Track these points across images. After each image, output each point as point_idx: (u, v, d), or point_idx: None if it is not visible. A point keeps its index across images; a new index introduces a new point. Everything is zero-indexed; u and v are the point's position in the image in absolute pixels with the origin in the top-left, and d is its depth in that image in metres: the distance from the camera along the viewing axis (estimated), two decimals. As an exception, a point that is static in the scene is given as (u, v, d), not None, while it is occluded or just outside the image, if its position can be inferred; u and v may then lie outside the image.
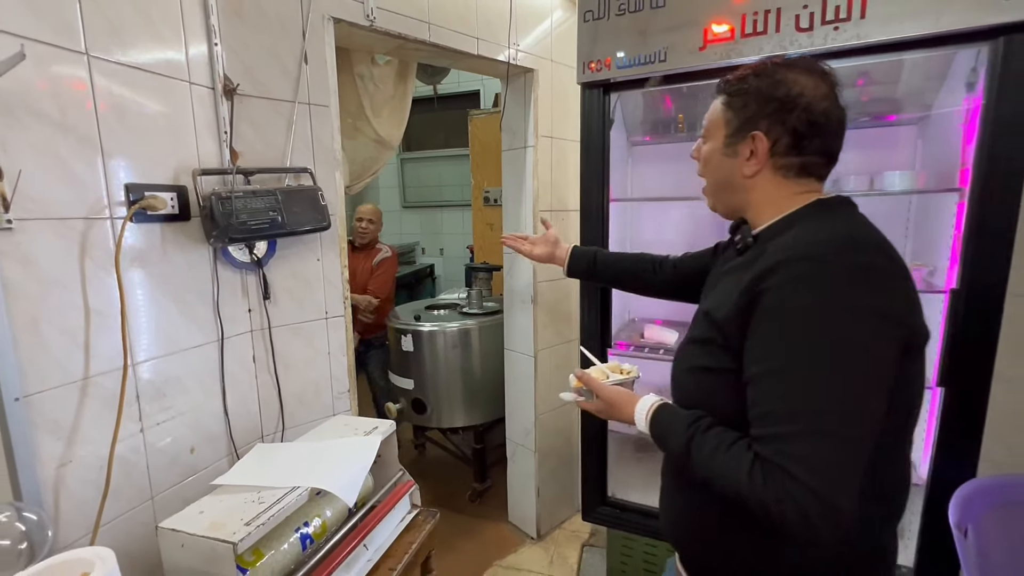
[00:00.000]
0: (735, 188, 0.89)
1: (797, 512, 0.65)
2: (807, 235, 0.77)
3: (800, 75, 0.81)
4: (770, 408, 0.71)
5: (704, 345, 0.85)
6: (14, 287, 0.94)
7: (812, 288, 0.70)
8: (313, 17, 1.49)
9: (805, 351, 0.69)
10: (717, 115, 0.89)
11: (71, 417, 1.04)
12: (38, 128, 0.97)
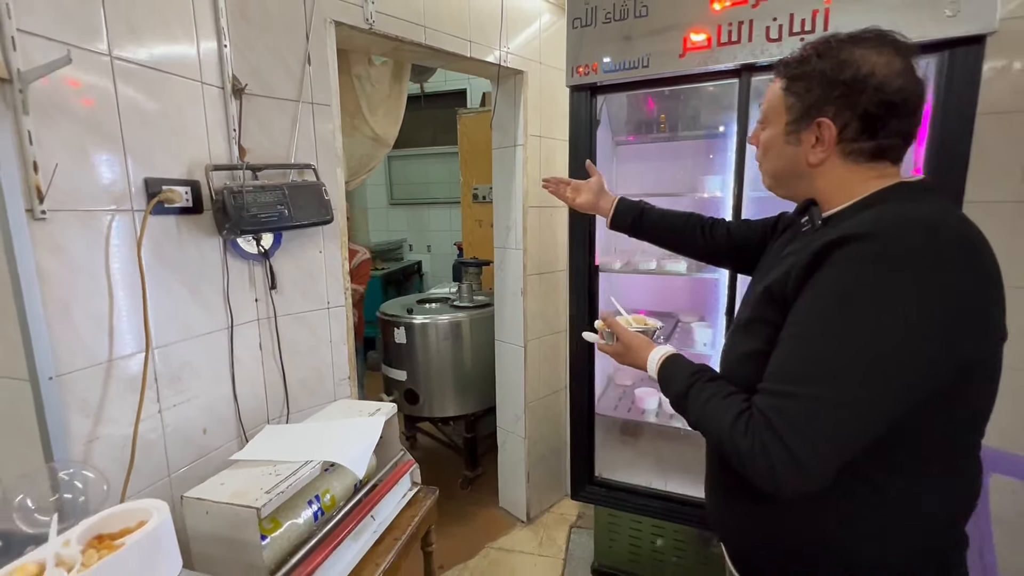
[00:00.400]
0: (801, 175, 0.84)
1: (765, 459, 0.68)
2: (882, 215, 0.72)
3: (870, 52, 0.75)
4: (784, 367, 0.72)
5: (760, 326, 0.80)
6: (47, 274, 1.01)
7: (867, 265, 0.67)
8: (316, 20, 1.57)
9: (836, 323, 0.68)
10: (777, 100, 0.84)
11: (97, 397, 1.11)
12: (68, 125, 1.03)
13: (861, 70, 0.74)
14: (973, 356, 0.69)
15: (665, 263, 1.94)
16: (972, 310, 0.67)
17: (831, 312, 0.69)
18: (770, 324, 0.78)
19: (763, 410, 0.70)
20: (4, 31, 0.91)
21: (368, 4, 1.69)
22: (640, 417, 2.07)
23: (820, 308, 0.70)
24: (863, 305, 0.67)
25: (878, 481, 0.74)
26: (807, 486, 0.69)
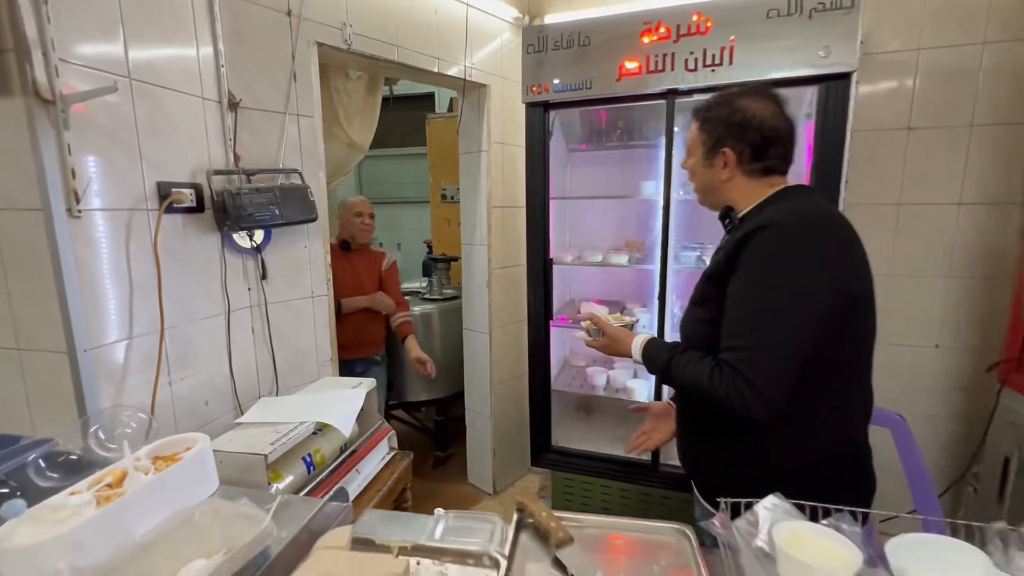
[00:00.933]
0: (717, 189, 1.13)
1: (740, 397, 0.92)
2: (776, 210, 1.02)
3: (753, 102, 1.05)
4: (734, 328, 0.97)
5: (708, 301, 1.05)
6: (82, 263, 1.20)
7: (773, 245, 0.95)
8: (300, 42, 1.77)
9: (763, 289, 0.94)
10: (695, 136, 1.14)
11: (120, 368, 1.30)
12: (97, 138, 1.22)
13: (747, 115, 1.05)
14: (853, 292, 0.96)
15: (609, 256, 2.23)
16: (841, 261, 0.96)
17: (756, 280, 0.96)
18: (713, 299, 1.04)
19: (728, 362, 0.95)
20: (49, 61, 1.10)
21: (347, 27, 1.91)
22: (591, 391, 2.36)
23: (748, 279, 0.97)
24: (776, 271, 0.95)
25: (801, 404, 0.97)
26: (771, 408, 0.92)
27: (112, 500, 0.73)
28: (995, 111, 2.09)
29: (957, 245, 2.24)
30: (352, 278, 2.48)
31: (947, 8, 2.10)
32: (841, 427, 1.03)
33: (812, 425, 1.01)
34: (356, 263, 2.51)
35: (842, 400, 1.03)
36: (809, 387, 0.97)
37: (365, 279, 2.54)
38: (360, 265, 2.53)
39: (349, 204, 2.52)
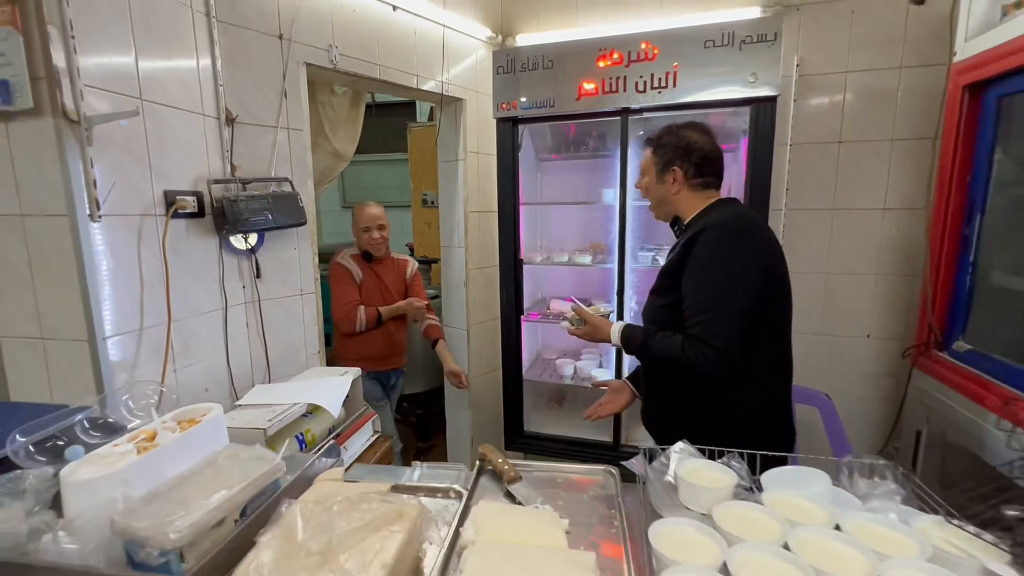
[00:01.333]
0: (668, 202, 1.42)
1: (706, 359, 1.18)
2: (714, 215, 1.32)
3: (692, 132, 1.38)
4: (694, 308, 1.23)
5: (663, 292, 1.34)
6: (100, 262, 1.37)
7: (715, 242, 1.24)
8: (291, 63, 1.96)
9: (712, 275, 1.22)
10: (649, 159, 1.44)
11: (132, 356, 1.47)
12: (113, 153, 1.39)
13: (690, 141, 1.37)
14: (774, 273, 1.25)
15: (575, 256, 2.45)
16: (763, 252, 1.26)
17: (706, 269, 1.24)
18: (669, 289, 1.31)
19: (696, 335, 1.22)
20: (75, 87, 1.27)
21: (333, 48, 2.10)
22: (560, 380, 2.57)
23: (700, 269, 1.24)
24: (720, 261, 1.23)
25: (743, 365, 1.22)
26: (729, 365, 1.19)
27: (149, 450, 0.91)
28: (910, 127, 2.37)
29: (883, 246, 2.51)
30: (379, 287, 2.50)
31: (869, 37, 2.38)
32: (772, 385, 1.33)
33: (752, 382, 1.28)
34: (381, 272, 2.50)
35: (772, 362, 1.32)
36: (749, 352, 1.23)
37: (392, 287, 2.52)
38: (385, 274, 2.51)
39: (357, 217, 2.43)
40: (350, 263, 2.44)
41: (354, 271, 2.43)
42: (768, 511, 0.83)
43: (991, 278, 1.86)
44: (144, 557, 0.70)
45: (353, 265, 2.44)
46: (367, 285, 2.45)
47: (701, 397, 1.30)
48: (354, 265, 2.44)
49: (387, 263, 2.53)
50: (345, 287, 2.41)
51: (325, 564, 0.66)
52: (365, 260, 2.47)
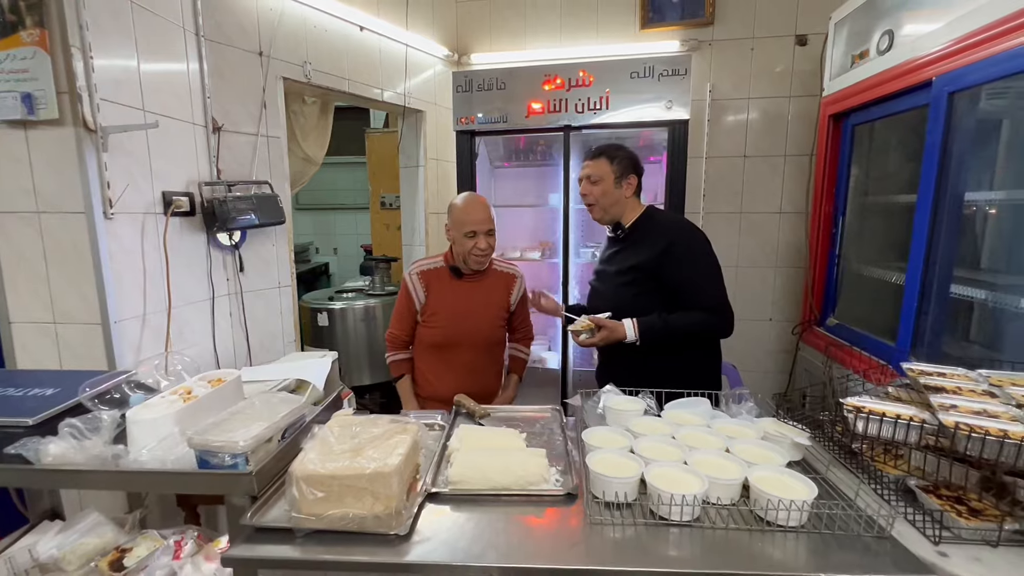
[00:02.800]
0: (619, 204, 1.66)
1: (726, 323, 1.55)
2: (669, 217, 1.69)
3: (630, 151, 1.67)
4: (705, 291, 1.54)
5: (637, 284, 1.60)
6: (111, 255, 1.55)
7: (696, 240, 1.58)
8: (270, 77, 2.17)
9: (705, 265, 1.56)
10: (605, 167, 1.64)
11: (137, 339, 1.65)
12: (122, 157, 1.58)
13: (636, 157, 1.69)
14: None
15: (526, 253, 2.78)
16: None
17: (699, 260, 1.57)
18: (642, 281, 1.60)
19: (714, 306, 1.55)
20: (93, 101, 1.46)
21: (307, 64, 2.32)
22: (513, 364, 2.89)
23: (695, 264, 1.56)
24: (704, 255, 1.58)
25: None
26: (733, 327, 1.58)
27: (191, 400, 1.14)
28: (797, 145, 2.88)
29: (780, 244, 3.01)
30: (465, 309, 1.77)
31: (765, 70, 2.87)
32: (714, 351, 1.71)
33: (714, 346, 1.69)
34: (473, 291, 1.79)
35: None
36: None
37: (486, 310, 1.81)
38: (479, 292, 1.80)
39: (458, 218, 1.71)
40: (413, 281, 1.77)
41: (415, 290, 1.76)
42: (664, 421, 1.18)
43: (851, 267, 2.36)
44: (217, 462, 0.94)
45: (416, 283, 1.76)
46: (442, 304, 1.75)
47: (685, 362, 1.60)
48: (418, 283, 1.76)
49: (488, 278, 1.81)
50: (397, 311, 1.81)
51: (357, 456, 0.93)
52: (454, 275, 1.77)
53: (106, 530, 1.31)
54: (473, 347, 1.78)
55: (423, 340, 1.81)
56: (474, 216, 1.68)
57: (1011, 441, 0.81)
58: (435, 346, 1.78)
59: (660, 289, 1.59)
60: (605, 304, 1.66)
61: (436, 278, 1.78)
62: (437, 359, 1.79)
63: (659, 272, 1.58)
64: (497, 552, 0.83)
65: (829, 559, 0.81)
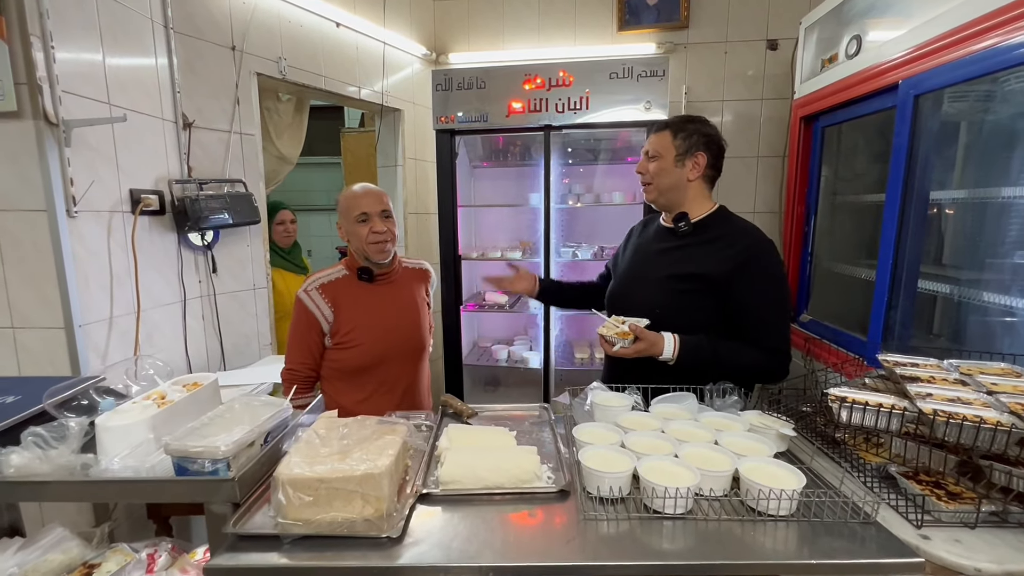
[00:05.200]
0: (680, 188, 1.37)
1: (781, 367, 1.30)
2: (750, 229, 1.35)
3: (711, 126, 1.38)
4: (769, 327, 1.29)
5: (697, 295, 1.33)
6: (76, 255, 1.47)
7: (774, 262, 1.32)
8: (243, 72, 2.10)
9: (781, 297, 1.31)
10: (666, 143, 1.36)
11: (103, 344, 1.57)
12: (87, 153, 1.50)
13: (713, 132, 1.39)
14: None
15: (507, 253, 2.77)
16: None
17: (773, 286, 1.31)
18: (703, 293, 1.33)
19: (774, 347, 1.30)
20: (55, 93, 1.38)
21: (282, 60, 2.26)
22: (496, 363, 2.88)
23: (769, 285, 1.30)
24: (780, 278, 1.33)
25: None
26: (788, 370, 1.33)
27: (166, 405, 1.09)
28: (770, 147, 2.96)
29: (754, 242, 3.09)
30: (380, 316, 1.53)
31: (738, 74, 2.94)
32: None
33: None
34: (386, 293, 1.56)
35: None
36: None
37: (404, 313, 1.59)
38: (393, 295, 1.57)
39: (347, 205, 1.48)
40: (313, 298, 1.46)
41: (317, 309, 1.46)
42: (652, 416, 1.19)
43: (822, 265, 2.44)
44: (197, 468, 0.90)
45: (318, 301, 1.46)
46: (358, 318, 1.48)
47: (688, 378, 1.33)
48: (320, 300, 1.46)
49: (401, 276, 1.60)
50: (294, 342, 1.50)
51: (345, 458, 0.90)
52: (364, 279, 1.51)
53: (71, 545, 1.23)
54: (403, 360, 1.55)
55: (336, 367, 1.49)
56: (364, 199, 1.46)
57: (987, 426, 0.85)
58: (356, 370, 1.49)
59: (718, 308, 1.33)
60: (641, 308, 1.37)
61: (342, 289, 1.48)
62: (358, 386, 1.50)
63: (730, 289, 1.30)
64: (492, 551, 0.81)
65: (818, 546, 0.82)
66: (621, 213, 2.75)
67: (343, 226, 1.49)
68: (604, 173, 2.88)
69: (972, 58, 1.46)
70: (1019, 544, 0.82)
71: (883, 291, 1.82)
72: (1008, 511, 0.86)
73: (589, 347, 2.88)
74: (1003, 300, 1.50)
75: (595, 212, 2.89)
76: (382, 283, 1.54)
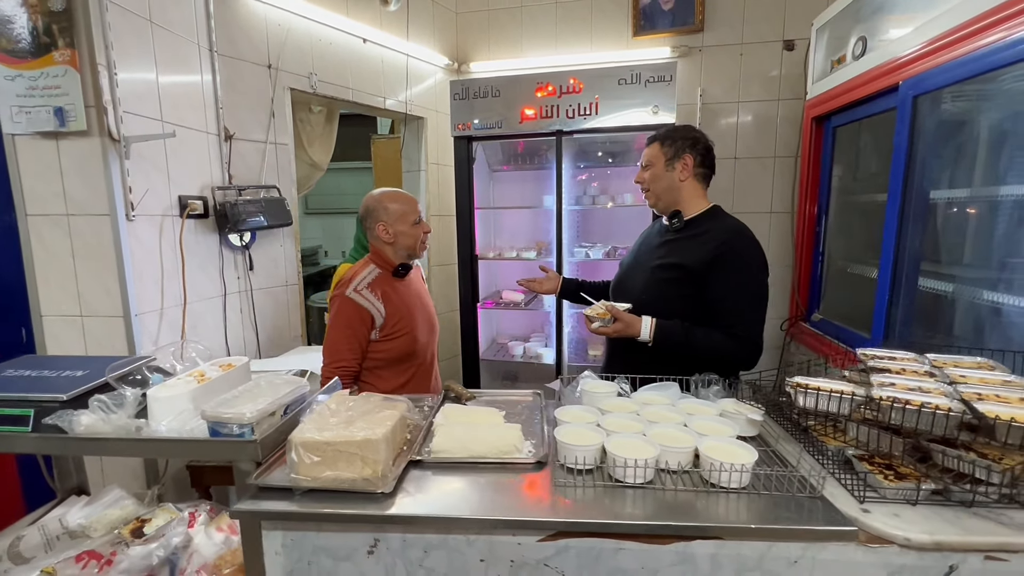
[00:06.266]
0: (674, 190, 1.50)
1: (749, 356, 1.40)
2: (733, 224, 1.47)
3: (695, 130, 1.53)
4: (737, 308, 1.39)
5: (679, 284, 1.45)
6: (133, 253, 1.69)
7: (749, 252, 1.41)
8: (278, 88, 2.31)
9: (749, 282, 1.39)
10: (656, 151, 1.51)
11: (155, 331, 1.79)
12: (142, 163, 1.72)
13: (697, 135, 1.53)
14: None
15: (522, 253, 2.90)
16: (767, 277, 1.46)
17: (745, 274, 1.41)
18: (685, 282, 1.44)
19: (742, 334, 1.40)
20: (117, 113, 1.60)
21: (313, 76, 2.46)
22: (512, 359, 3.01)
23: (740, 274, 1.40)
24: (754, 271, 1.42)
25: None
26: (759, 357, 1.43)
27: (205, 381, 1.27)
28: (786, 147, 2.97)
29: (771, 242, 3.09)
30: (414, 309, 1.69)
31: (754, 74, 2.97)
32: None
33: None
34: (400, 291, 1.68)
35: None
36: None
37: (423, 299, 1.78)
38: (404, 289, 1.70)
39: (398, 210, 1.63)
40: (366, 296, 1.59)
41: (372, 305, 1.59)
42: (632, 401, 1.28)
43: (833, 264, 2.44)
44: (227, 432, 1.07)
45: (370, 298, 1.59)
46: (402, 310, 1.63)
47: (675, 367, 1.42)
48: (373, 298, 1.59)
49: (411, 270, 1.74)
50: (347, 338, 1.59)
51: (349, 426, 1.05)
52: (399, 274, 1.67)
53: (127, 503, 1.44)
54: (431, 342, 1.74)
55: (382, 358, 1.62)
56: (413, 204, 1.65)
57: (927, 410, 0.91)
58: (401, 357, 1.64)
59: (699, 297, 1.44)
60: (631, 294, 1.55)
61: (384, 285, 1.62)
62: (400, 372, 1.66)
63: (706, 279, 1.42)
64: (469, 507, 0.94)
65: (765, 514, 0.91)
66: (633, 214, 2.83)
67: (390, 227, 1.61)
68: (616, 175, 2.96)
69: (968, 58, 1.49)
70: (954, 519, 0.88)
71: (885, 289, 1.84)
72: (950, 490, 0.92)
73: (602, 344, 2.97)
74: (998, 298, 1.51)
75: (607, 213, 2.98)
76: (406, 278, 1.71)
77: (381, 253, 1.66)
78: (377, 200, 1.64)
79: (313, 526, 0.96)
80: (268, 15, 2.26)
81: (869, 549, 0.86)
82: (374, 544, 0.95)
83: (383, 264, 1.66)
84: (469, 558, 0.94)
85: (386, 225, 1.62)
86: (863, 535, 0.87)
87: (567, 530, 0.91)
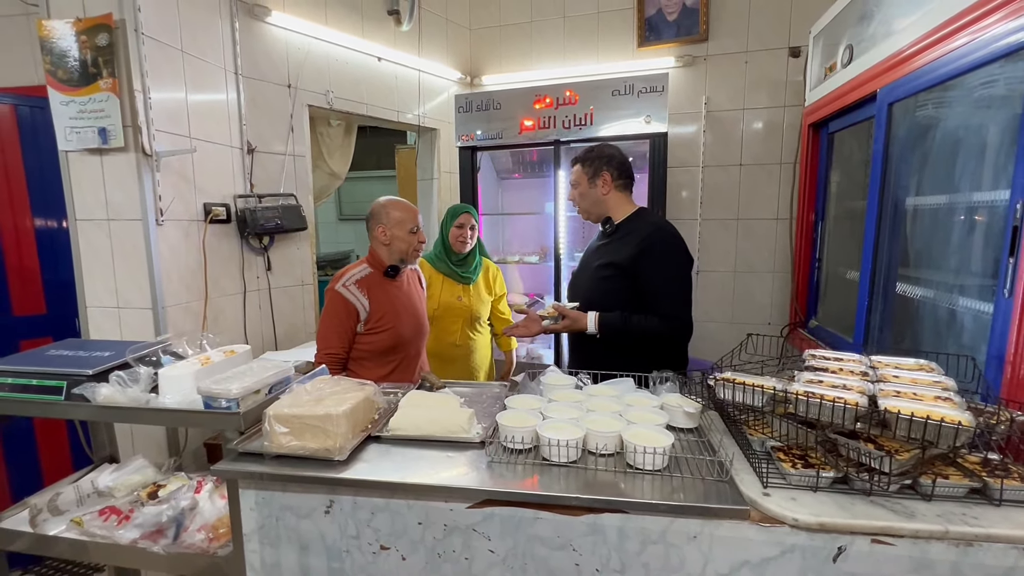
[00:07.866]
0: (600, 203, 1.72)
1: (681, 332, 1.60)
2: (652, 220, 1.67)
3: (607, 147, 1.72)
4: (665, 293, 1.58)
5: (612, 279, 1.64)
6: (161, 254, 1.93)
7: (671, 243, 1.60)
8: (297, 104, 2.54)
9: (674, 269, 1.59)
10: (579, 173, 1.73)
11: (180, 323, 2.02)
12: (171, 176, 1.96)
13: (611, 152, 1.73)
14: None
15: (525, 257, 3.02)
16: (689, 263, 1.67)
17: (670, 263, 1.61)
18: (617, 277, 1.64)
19: (672, 314, 1.59)
20: (150, 131, 1.85)
21: (329, 93, 2.69)
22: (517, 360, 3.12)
23: (664, 264, 1.60)
24: (677, 257, 1.63)
25: None
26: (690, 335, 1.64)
27: (208, 364, 1.46)
28: (791, 154, 2.96)
29: (777, 248, 3.09)
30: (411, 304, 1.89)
31: (759, 81, 2.99)
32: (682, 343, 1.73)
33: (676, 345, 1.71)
34: (392, 290, 1.85)
35: None
36: None
37: (420, 302, 1.98)
38: (397, 289, 1.87)
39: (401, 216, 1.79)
40: (352, 291, 1.74)
41: (357, 301, 1.74)
42: (581, 393, 1.38)
43: (829, 270, 2.44)
44: (216, 405, 1.24)
45: (356, 294, 1.75)
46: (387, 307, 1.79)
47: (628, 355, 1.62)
48: (358, 293, 1.75)
49: (406, 273, 1.92)
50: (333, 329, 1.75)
51: (317, 404, 1.20)
52: (389, 275, 1.83)
53: (148, 471, 1.65)
54: (416, 339, 1.88)
55: (367, 349, 1.78)
56: (414, 214, 1.81)
57: (827, 403, 0.97)
58: (385, 350, 1.79)
59: (633, 288, 1.64)
60: (579, 294, 1.76)
61: (372, 283, 1.78)
62: (383, 363, 1.81)
63: (635, 272, 1.63)
64: (412, 476, 1.07)
65: (675, 494, 0.99)
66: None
67: (388, 231, 1.78)
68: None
69: (937, 64, 1.51)
70: (848, 504, 0.94)
71: (864, 294, 1.85)
72: (850, 479, 0.97)
73: (602, 347, 3.04)
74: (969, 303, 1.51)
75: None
76: (399, 279, 1.86)
77: (376, 254, 1.82)
78: (382, 206, 1.81)
79: (279, 486, 1.12)
80: (289, 39, 2.49)
81: (762, 528, 0.94)
82: (330, 505, 1.10)
83: (375, 264, 1.82)
84: (409, 521, 1.07)
85: (385, 228, 1.78)
86: (756, 514, 0.94)
87: (492, 498, 1.03)
